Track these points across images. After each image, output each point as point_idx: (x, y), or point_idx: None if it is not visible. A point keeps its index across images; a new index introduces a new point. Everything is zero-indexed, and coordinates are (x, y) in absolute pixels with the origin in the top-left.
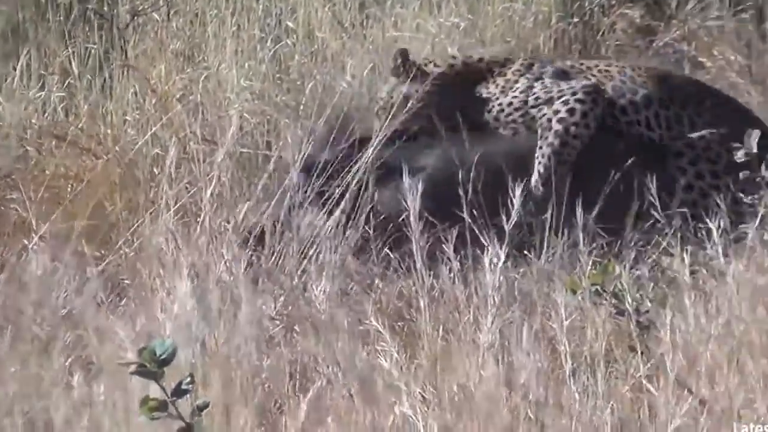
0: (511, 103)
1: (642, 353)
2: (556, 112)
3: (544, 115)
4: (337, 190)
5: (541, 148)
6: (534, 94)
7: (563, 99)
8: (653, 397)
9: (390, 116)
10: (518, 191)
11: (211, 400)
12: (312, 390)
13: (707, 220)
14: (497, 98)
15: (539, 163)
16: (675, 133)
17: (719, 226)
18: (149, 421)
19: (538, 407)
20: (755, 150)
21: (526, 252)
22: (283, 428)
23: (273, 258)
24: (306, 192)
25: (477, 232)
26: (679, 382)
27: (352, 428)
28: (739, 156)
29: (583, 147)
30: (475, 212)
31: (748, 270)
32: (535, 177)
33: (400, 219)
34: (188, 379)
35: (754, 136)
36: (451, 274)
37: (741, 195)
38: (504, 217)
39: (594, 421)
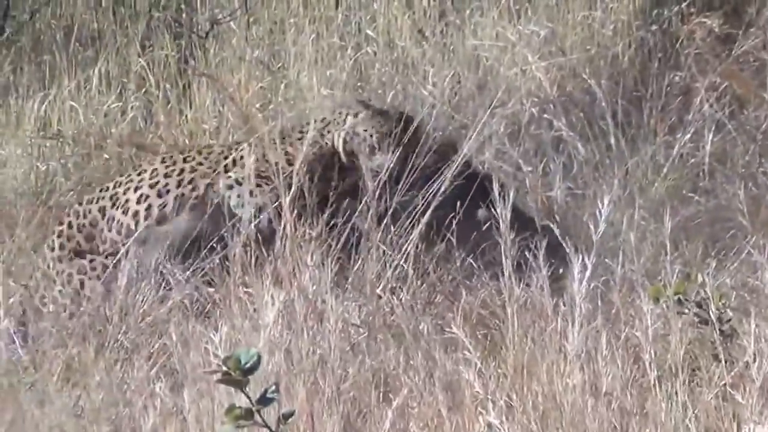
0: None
1: (726, 361)
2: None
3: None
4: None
5: None
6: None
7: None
8: (738, 405)
9: None
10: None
11: (297, 409)
12: (397, 399)
13: None
14: None
15: None
16: None
17: None
18: (235, 429)
19: (623, 415)
20: None
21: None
22: None
23: (356, 266)
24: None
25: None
26: (765, 390)
27: None
28: None
29: None
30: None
31: None
32: None
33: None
34: (273, 387)
35: None
36: (539, 283)
37: None
38: (593, 228)
39: (679, 429)
